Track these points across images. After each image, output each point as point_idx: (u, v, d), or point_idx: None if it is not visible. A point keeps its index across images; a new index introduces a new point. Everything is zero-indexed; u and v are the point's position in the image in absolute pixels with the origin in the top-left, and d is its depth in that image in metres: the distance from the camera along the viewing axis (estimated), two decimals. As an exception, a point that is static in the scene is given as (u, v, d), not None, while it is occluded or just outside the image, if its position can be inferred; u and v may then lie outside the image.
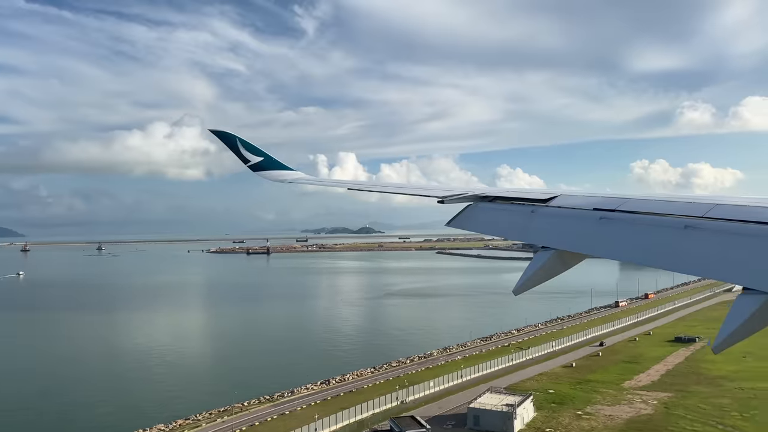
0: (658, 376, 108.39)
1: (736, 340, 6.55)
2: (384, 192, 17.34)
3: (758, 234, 6.85)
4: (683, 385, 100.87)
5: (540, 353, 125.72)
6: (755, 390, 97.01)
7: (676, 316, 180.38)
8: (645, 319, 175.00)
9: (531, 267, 9.45)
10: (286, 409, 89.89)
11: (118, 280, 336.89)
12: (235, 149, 23.33)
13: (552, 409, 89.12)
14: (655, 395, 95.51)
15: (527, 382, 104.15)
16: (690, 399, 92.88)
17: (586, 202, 10.07)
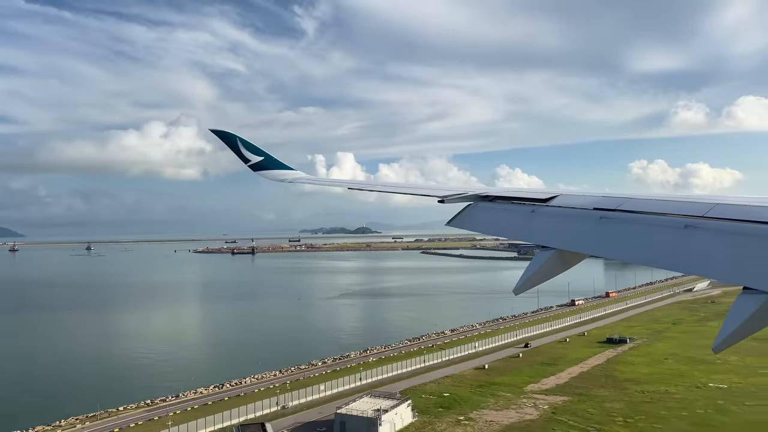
0: (567, 378, 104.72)
1: (736, 339, 6.49)
2: (384, 191, 17.38)
3: (758, 233, 6.90)
4: (586, 389, 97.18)
5: (459, 354, 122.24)
6: (656, 393, 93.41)
7: (623, 316, 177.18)
8: (590, 318, 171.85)
9: (531, 266, 9.47)
10: (158, 414, 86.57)
11: (87, 280, 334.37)
12: (236, 149, 23.41)
13: (436, 414, 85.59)
14: (552, 399, 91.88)
15: (428, 385, 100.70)
16: (584, 403, 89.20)
17: (586, 201, 10.08)
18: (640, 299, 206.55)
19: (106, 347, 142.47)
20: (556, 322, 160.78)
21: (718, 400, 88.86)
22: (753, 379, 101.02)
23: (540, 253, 9.60)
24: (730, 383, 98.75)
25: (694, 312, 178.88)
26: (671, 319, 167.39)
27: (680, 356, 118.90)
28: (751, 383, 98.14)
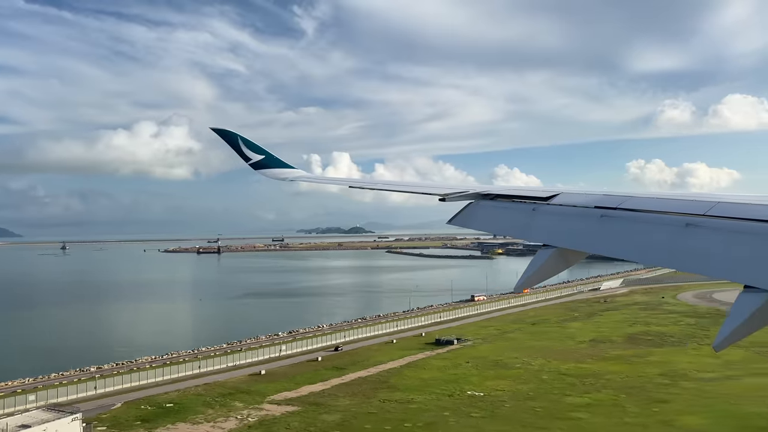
0: (334, 384, 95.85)
1: (737, 338, 6.41)
2: (385, 190, 17.47)
3: (759, 232, 6.91)
4: (333, 397, 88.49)
5: (253, 359, 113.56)
6: (399, 403, 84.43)
7: (497, 314, 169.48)
8: (454, 317, 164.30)
9: (532, 265, 9.57)
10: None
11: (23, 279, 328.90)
12: (237, 147, 23.22)
13: (125, 428, 77.09)
14: (278, 410, 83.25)
15: (166, 395, 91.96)
16: (300, 415, 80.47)
17: (587, 200, 10.11)
18: (537, 296, 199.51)
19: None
20: (411, 321, 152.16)
21: (444, 412, 79.73)
22: (528, 385, 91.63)
23: (541, 251, 9.64)
24: (495, 389, 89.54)
25: (571, 311, 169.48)
26: (537, 318, 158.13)
27: (489, 359, 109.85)
28: (520, 390, 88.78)
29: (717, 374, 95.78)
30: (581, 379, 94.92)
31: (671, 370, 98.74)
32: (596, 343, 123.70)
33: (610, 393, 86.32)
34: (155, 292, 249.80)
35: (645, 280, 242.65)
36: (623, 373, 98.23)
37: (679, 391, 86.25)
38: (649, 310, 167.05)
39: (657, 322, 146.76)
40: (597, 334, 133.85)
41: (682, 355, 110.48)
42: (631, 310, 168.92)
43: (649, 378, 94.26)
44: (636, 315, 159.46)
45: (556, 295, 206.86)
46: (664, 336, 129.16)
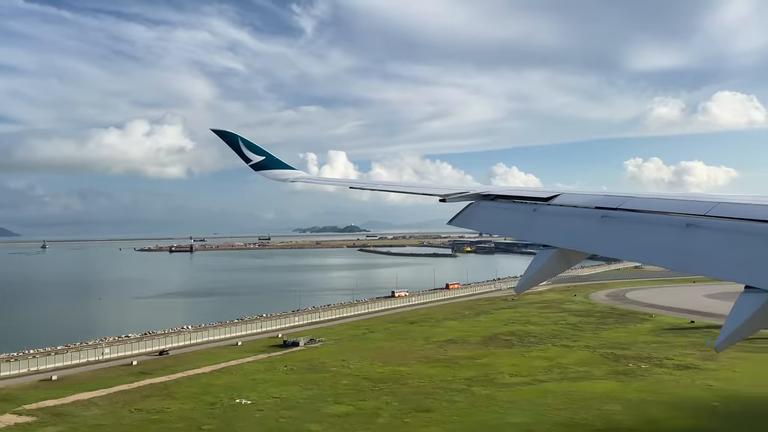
0: (114, 391, 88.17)
1: (737, 338, 6.47)
2: (385, 191, 17.49)
3: (760, 232, 6.87)
4: (87, 408, 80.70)
5: (57, 364, 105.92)
6: (146, 413, 76.71)
7: (393, 312, 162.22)
8: (355, 314, 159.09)
9: (533, 265, 9.63)
10: None
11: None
12: (237, 148, 23.22)
13: None
14: (15, 420, 75.63)
15: None
16: (24, 428, 72.94)
17: (587, 200, 10.16)
18: (457, 293, 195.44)
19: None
20: (283, 321, 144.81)
21: (179, 423, 71.95)
22: (309, 392, 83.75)
23: (542, 251, 9.65)
24: (273, 397, 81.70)
25: (464, 310, 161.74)
26: (421, 317, 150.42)
27: (311, 362, 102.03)
28: (293, 397, 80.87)
29: (527, 379, 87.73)
30: (378, 383, 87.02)
31: (484, 374, 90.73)
32: (447, 344, 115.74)
33: (386, 400, 78.25)
34: (71, 290, 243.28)
35: (576, 277, 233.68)
36: (433, 377, 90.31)
37: (460, 399, 78.12)
38: (545, 309, 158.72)
39: (538, 322, 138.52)
40: (461, 334, 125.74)
41: (516, 357, 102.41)
42: (527, 308, 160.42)
43: (448, 383, 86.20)
44: (525, 314, 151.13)
45: (471, 292, 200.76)
46: (526, 336, 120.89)
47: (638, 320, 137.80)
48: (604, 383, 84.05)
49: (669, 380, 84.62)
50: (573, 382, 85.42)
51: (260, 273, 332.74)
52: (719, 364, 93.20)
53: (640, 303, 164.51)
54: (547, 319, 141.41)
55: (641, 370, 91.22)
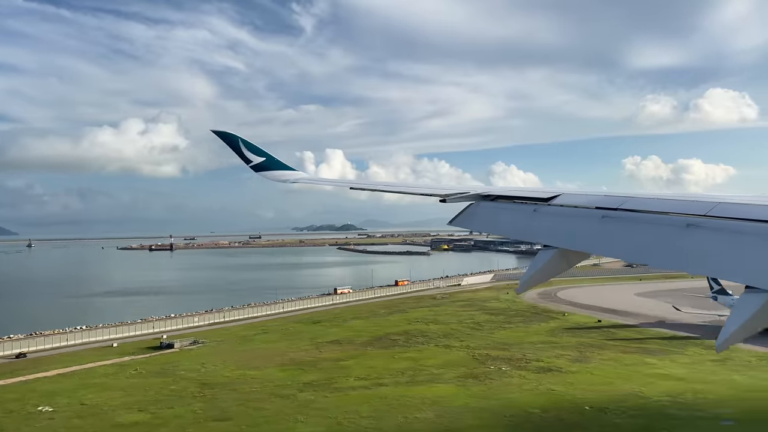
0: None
1: (738, 338, 6.44)
2: (385, 191, 17.41)
3: (760, 232, 6.83)
4: None
5: None
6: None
7: (313, 310, 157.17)
8: (269, 313, 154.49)
9: (533, 265, 9.63)
10: None
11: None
12: (237, 149, 23.22)
13: None
14: None
15: None
16: None
17: (588, 200, 10.20)
18: (399, 289, 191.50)
19: None
20: (190, 320, 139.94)
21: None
22: (123, 399, 78.16)
23: (542, 252, 9.67)
24: (78, 403, 76.10)
25: (381, 308, 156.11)
26: (333, 316, 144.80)
27: (163, 367, 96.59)
28: (102, 403, 75.36)
29: (369, 382, 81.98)
30: (208, 389, 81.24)
31: (328, 378, 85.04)
32: (328, 345, 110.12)
33: (195, 408, 72.55)
34: (8, 288, 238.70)
35: (513, 275, 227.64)
36: (274, 381, 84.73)
37: (270, 406, 72.18)
38: (464, 307, 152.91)
39: (444, 321, 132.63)
40: (352, 334, 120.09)
41: (383, 359, 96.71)
42: (447, 307, 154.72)
43: (282, 388, 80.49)
44: (439, 312, 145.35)
45: (416, 288, 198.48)
46: (417, 336, 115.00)
47: (547, 319, 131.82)
48: (444, 387, 78.23)
49: (515, 384, 78.75)
50: (414, 386, 79.63)
51: (220, 271, 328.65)
52: (585, 366, 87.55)
53: (565, 301, 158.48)
54: (455, 318, 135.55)
55: (498, 372, 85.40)
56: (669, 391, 74.01)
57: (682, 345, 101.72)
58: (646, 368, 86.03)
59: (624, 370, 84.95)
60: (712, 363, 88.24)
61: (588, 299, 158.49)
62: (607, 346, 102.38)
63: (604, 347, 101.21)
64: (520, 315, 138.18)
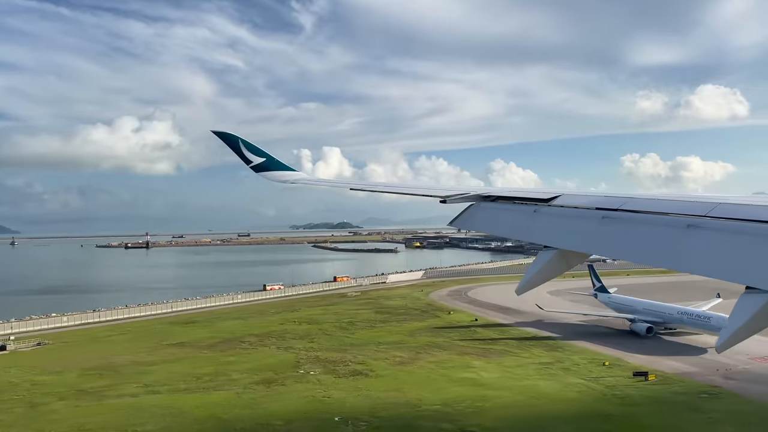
0: None
1: (739, 339, 6.53)
2: (386, 192, 17.97)
3: (761, 233, 6.87)
4: None
5: None
6: None
7: (215, 308, 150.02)
8: (168, 311, 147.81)
9: (533, 266, 9.73)
10: None
11: None
12: (237, 150, 23.38)
13: None
14: None
15: None
16: None
17: (588, 201, 10.30)
18: (325, 286, 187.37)
19: None
20: (58, 321, 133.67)
21: None
22: None
23: (542, 252, 9.76)
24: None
25: (270, 308, 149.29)
26: (210, 317, 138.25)
27: None
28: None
29: (149, 390, 75.40)
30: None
31: (114, 384, 78.58)
32: (172, 347, 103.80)
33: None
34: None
35: (448, 272, 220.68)
36: (47, 386, 78.47)
37: (7, 417, 66.03)
38: (361, 306, 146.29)
39: (323, 320, 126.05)
40: (206, 335, 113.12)
41: (192, 363, 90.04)
42: (338, 306, 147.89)
43: (47, 395, 73.91)
44: (326, 312, 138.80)
45: (352, 284, 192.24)
46: (274, 338, 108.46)
47: (428, 318, 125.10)
48: (222, 395, 71.66)
49: (298, 391, 72.10)
50: (193, 393, 73.11)
51: (172, 269, 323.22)
52: (402, 369, 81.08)
53: (468, 299, 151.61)
54: (336, 317, 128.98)
55: (300, 377, 78.87)
56: (455, 398, 67.40)
57: (531, 346, 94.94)
58: (462, 372, 79.30)
59: (435, 374, 78.26)
60: (536, 366, 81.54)
61: (492, 297, 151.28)
62: (453, 346, 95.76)
63: (448, 348, 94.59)
64: (408, 314, 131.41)
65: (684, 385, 70.21)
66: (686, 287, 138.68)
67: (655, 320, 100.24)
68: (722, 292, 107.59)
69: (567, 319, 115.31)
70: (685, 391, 68.08)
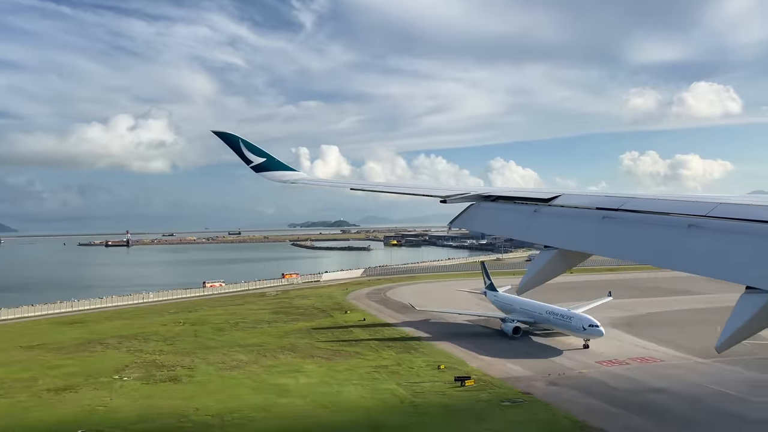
0: None
1: (739, 339, 6.36)
2: (385, 192, 18.08)
3: (761, 233, 6.85)
4: None
5: None
6: None
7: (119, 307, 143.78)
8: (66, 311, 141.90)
9: (534, 266, 9.73)
10: None
11: None
12: (238, 150, 23.51)
13: None
14: None
15: None
16: None
17: (588, 201, 10.36)
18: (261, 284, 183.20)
19: None
20: None
21: None
22: None
23: (542, 252, 9.76)
24: None
25: (170, 308, 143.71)
26: (99, 317, 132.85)
27: None
28: None
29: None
30: None
31: None
32: (23, 350, 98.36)
33: None
34: None
35: (393, 270, 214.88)
36: None
37: None
38: (264, 306, 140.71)
39: (212, 320, 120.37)
40: (58, 338, 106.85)
41: (10, 369, 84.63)
42: (242, 307, 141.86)
43: None
44: (228, 311, 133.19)
45: (297, 281, 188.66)
46: (133, 340, 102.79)
47: (321, 318, 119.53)
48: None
49: (81, 400, 66.00)
50: None
51: (122, 268, 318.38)
52: (215, 377, 75.16)
53: (380, 299, 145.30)
54: (227, 317, 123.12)
55: (111, 384, 73.24)
56: (238, 407, 61.75)
57: (390, 347, 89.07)
58: (280, 377, 73.32)
59: (250, 380, 72.46)
60: (368, 369, 75.93)
61: (408, 297, 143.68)
62: (309, 348, 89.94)
63: (301, 350, 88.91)
64: (305, 314, 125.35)
65: (495, 392, 64.29)
66: (598, 286, 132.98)
67: (527, 320, 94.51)
68: (654, 290, 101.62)
69: (454, 319, 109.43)
70: (491, 398, 62.17)
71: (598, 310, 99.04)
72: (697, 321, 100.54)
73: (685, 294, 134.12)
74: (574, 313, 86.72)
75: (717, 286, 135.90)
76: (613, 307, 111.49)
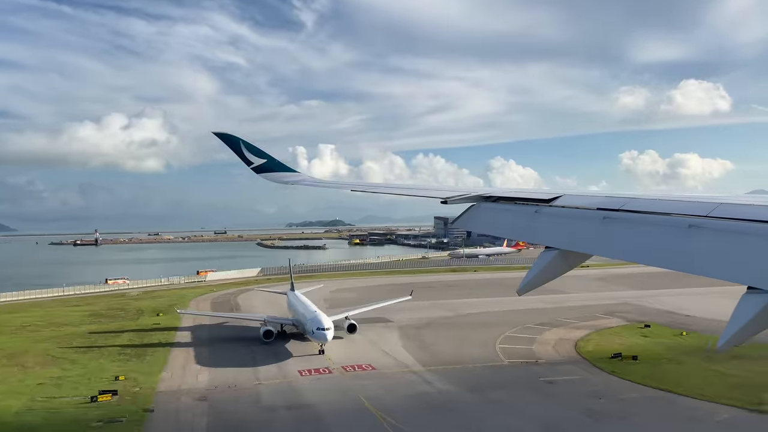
0: None
1: (740, 339, 6.28)
2: (386, 193, 18.08)
3: (762, 233, 6.75)
4: None
5: None
6: None
7: None
8: None
9: (534, 267, 9.58)
10: None
11: None
12: (239, 151, 23.62)
13: None
14: None
15: None
16: None
17: (589, 201, 10.24)
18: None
19: None
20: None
21: None
22: None
23: (543, 253, 9.66)
24: None
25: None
26: None
27: None
28: None
29: None
30: None
31: None
32: None
33: None
34: None
35: (301, 268, 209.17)
36: None
37: None
38: (104, 307, 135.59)
39: (27, 323, 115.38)
40: None
41: None
42: (80, 307, 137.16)
43: None
44: (50, 313, 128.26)
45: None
46: None
47: (128, 320, 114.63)
48: None
49: None
50: None
51: (57, 266, 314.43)
52: None
53: (230, 305, 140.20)
54: (46, 319, 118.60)
55: None
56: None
57: (120, 354, 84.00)
58: None
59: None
60: (48, 378, 70.73)
61: (253, 302, 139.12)
62: (39, 355, 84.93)
63: (47, 353, 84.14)
64: (121, 317, 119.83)
65: (122, 408, 58.60)
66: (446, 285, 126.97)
67: (285, 323, 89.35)
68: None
69: (250, 323, 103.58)
70: (104, 416, 56.46)
71: (426, 309, 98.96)
72: (496, 324, 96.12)
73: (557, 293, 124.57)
74: (314, 316, 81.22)
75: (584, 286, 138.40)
76: (441, 307, 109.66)
